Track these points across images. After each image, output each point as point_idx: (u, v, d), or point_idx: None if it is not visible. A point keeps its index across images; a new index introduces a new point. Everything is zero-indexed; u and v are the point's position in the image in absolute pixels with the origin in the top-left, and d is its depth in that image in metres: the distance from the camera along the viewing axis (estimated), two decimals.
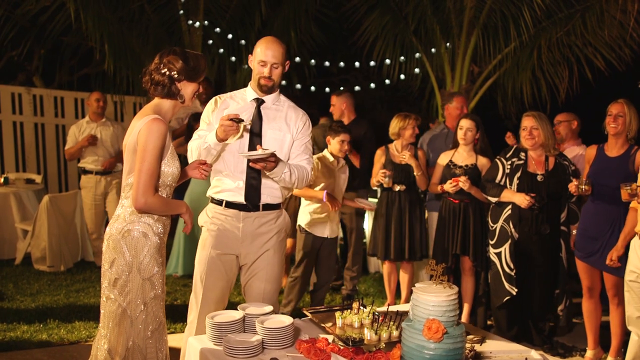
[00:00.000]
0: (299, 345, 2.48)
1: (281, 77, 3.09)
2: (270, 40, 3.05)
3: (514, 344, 2.84)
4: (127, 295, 2.49)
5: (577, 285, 4.15)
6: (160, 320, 2.59)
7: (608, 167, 3.77)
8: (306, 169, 3.07)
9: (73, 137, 6.19)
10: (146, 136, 2.42)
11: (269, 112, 3.08)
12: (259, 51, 3.02)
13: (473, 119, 4.50)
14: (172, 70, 2.52)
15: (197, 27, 7.90)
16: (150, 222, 2.54)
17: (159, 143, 2.44)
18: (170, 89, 2.55)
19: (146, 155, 2.42)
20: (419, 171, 4.66)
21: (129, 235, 2.50)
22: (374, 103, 11.20)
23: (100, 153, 6.14)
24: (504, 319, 4.22)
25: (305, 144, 3.12)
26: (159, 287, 2.56)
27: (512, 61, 6.74)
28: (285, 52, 3.06)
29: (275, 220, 3.11)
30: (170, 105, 2.60)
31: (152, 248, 2.53)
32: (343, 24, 8.55)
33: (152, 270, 2.52)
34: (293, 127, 3.09)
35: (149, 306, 2.52)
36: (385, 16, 7.17)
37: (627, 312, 3.45)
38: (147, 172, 2.43)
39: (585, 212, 3.94)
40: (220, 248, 3.05)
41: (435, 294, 2.21)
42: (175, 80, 2.54)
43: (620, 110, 3.73)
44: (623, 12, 5.80)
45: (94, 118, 6.22)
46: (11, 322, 4.47)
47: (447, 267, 4.43)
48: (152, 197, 2.45)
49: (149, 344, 2.52)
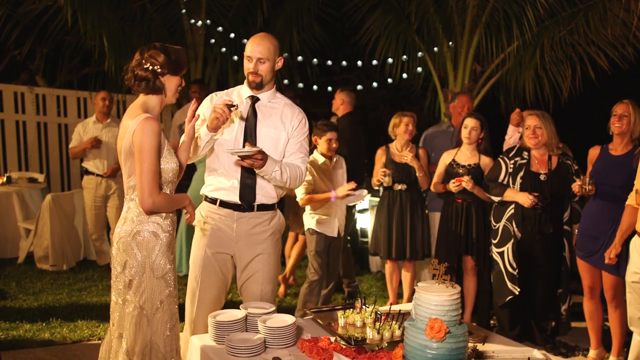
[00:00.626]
0: (301, 344, 2.48)
1: (272, 73, 3.02)
2: (257, 36, 3.00)
3: (517, 343, 2.83)
4: (142, 295, 2.49)
5: (578, 285, 4.15)
6: (175, 316, 2.61)
7: (611, 166, 3.78)
8: (300, 167, 3.02)
9: (78, 136, 6.13)
10: (141, 137, 2.41)
11: (264, 109, 3.04)
12: (246, 48, 3.00)
13: (478, 118, 4.47)
14: (154, 65, 2.50)
15: (199, 26, 7.90)
16: (159, 220, 2.55)
17: (155, 142, 2.43)
18: (155, 84, 2.53)
19: (144, 156, 2.42)
20: (421, 172, 4.65)
21: (139, 235, 2.51)
22: (377, 102, 11.18)
23: (104, 155, 6.09)
24: (507, 318, 4.22)
25: (300, 142, 3.07)
26: (172, 283, 2.58)
27: (515, 60, 6.72)
28: (275, 47, 2.99)
29: (269, 221, 3.08)
30: (156, 101, 2.59)
31: (163, 246, 2.54)
32: (345, 23, 8.54)
33: (165, 268, 2.54)
34: (289, 125, 3.05)
35: (165, 304, 2.54)
36: (388, 15, 7.16)
37: (629, 313, 3.44)
38: (148, 172, 2.42)
39: (587, 211, 3.94)
40: (214, 247, 3.03)
41: (437, 294, 2.20)
42: (159, 74, 2.52)
43: (625, 110, 3.75)
44: (626, 11, 5.78)
45: (100, 118, 6.19)
46: (14, 321, 4.48)
47: (450, 266, 4.41)
48: (158, 196, 2.46)
49: (167, 341, 2.54)
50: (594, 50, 6.30)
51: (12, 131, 8.12)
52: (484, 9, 6.63)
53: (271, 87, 3.09)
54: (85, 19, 6.57)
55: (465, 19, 6.74)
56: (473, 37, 6.82)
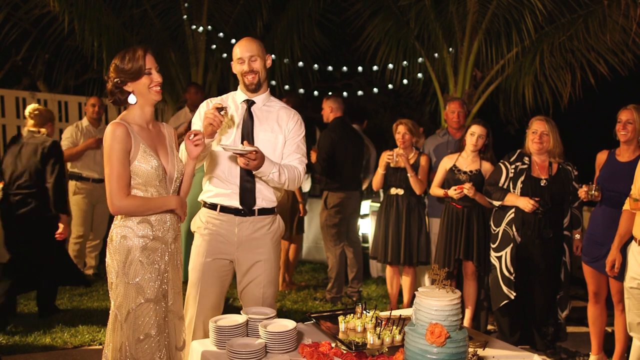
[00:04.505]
0: (302, 349, 2.49)
1: (265, 71, 3.04)
2: (242, 40, 3.05)
3: (517, 348, 2.84)
4: (116, 299, 2.51)
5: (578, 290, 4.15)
6: (159, 325, 2.53)
7: (618, 173, 3.76)
8: (297, 168, 3.02)
9: (72, 138, 5.97)
10: (109, 142, 2.45)
11: (259, 113, 3.05)
12: (235, 52, 3.03)
13: (485, 126, 4.46)
14: (114, 78, 2.53)
15: (200, 32, 7.93)
16: (131, 224, 2.52)
17: (121, 146, 2.44)
18: (119, 97, 2.55)
19: (111, 161, 2.45)
20: (411, 173, 4.66)
21: (112, 239, 2.53)
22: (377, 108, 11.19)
23: (98, 159, 5.98)
24: (507, 323, 4.22)
25: (297, 143, 3.08)
26: (151, 292, 2.51)
27: (515, 66, 6.74)
28: (261, 46, 3.03)
29: (269, 226, 3.09)
30: (136, 107, 2.58)
31: (135, 251, 2.50)
32: (346, 28, 8.57)
33: (137, 275, 2.50)
34: (285, 127, 3.06)
35: (138, 310, 2.49)
36: (388, 21, 7.18)
37: (629, 319, 3.43)
38: (114, 176, 2.45)
39: (593, 217, 3.93)
40: (215, 254, 3.03)
41: (438, 299, 2.21)
42: (121, 84, 2.54)
43: (630, 117, 3.72)
44: (625, 17, 5.79)
45: (92, 123, 6.12)
46: (15, 326, 4.48)
47: (450, 272, 4.42)
48: (125, 199, 2.46)
49: (140, 350, 2.48)
50: (593, 56, 6.31)
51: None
52: (484, 15, 6.65)
53: (265, 90, 3.10)
54: (83, 26, 6.56)
55: (466, 25, 6.76)
56: (473, 43, 6.84)
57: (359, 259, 5.63)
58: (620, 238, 3.49)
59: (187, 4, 7.85)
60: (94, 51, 6.89)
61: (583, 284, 4.17)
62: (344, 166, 5.37)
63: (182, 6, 7.86)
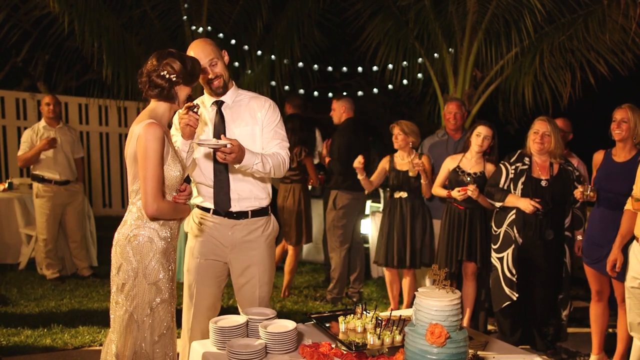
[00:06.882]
0: (302, 350, 2.49)
1: (227, 69, 2.99)
2: (194, 46, 2.95)
3: (517, 348, 2.84)
4: (133, 300, 2.50)
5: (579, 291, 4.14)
6: (169, 325, 2.60)
7: (614, 173, 3.76)
8: (280, 154, 2.96)
9: (29, 142, 5.77)
10: (144, 142, 2.42)
11: (230, 111, 3.00)
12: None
13: (491, 127, 4.44)
14: (171, 74, 2.51)
15: (200, 33, 7.93)
16: (156, 226, 2.55)
17: (158, 147, 2.43)
18: (169, 92, 2.53)
19: (148, 162, 2.42)
20: (426, 180, 4.65)
21: (135, 240, 2.51)
22: (377, 108, 11.20)
23: (59, 160, 5.84)
24: (507, 323, 4.21)
25: (273, 129, 3.00)
26: (166, 291, 2.57)
27: (515, 66, 6.74)
28: (214, 46, 2.96)
29: (263, 228, 3.07)
30: (165, 108, 2.59)
31: (157, 253, 2.54)
32: (346, 29, 8.56)
33: (157, 275, 2.53)
34: (259, 116, 2.99)
35: (156, 311, 2.53)
36: (388, 21, 7.18)
37: (629, 319, 3.43)
38: (152, 178, 2.43)
39: (591, 218, 3.93)
40: (209, 255, 3.02)
41: (438, 299, 2.21)
42: (174, 83, 2.53)
43: (625, 115, 3.72)
44: (625, 17, 5.79)
45: (50, 123, 5.89)
46: (15, 326, 4.49)
47: (451, 272, 4.42)
48: (162, 202, 2.47)
49: (156, 349, 2.53)
50: (593, 56, 6.31)
51: (14, 137, 8.16)
52: (483, 15, 6.65)
53: (232, 86, 3.04)
54: (83, 27, 6.56)
55: (465, 25, 6.77)
56: (473, 43, 6.84)
57: (361, 260, 5.62)
58: (622, 238, 3.49)
59: (186, 5, 7.86)
60: (94, 52, 6.90)
61: (584, 284, 4.17)
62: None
63: (182, 7, 7.87)
